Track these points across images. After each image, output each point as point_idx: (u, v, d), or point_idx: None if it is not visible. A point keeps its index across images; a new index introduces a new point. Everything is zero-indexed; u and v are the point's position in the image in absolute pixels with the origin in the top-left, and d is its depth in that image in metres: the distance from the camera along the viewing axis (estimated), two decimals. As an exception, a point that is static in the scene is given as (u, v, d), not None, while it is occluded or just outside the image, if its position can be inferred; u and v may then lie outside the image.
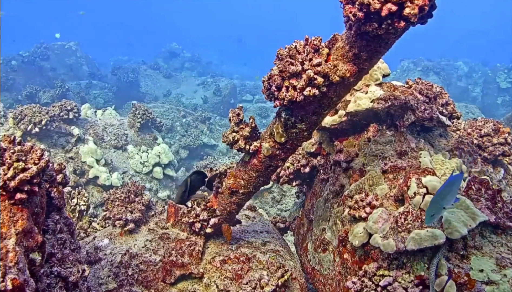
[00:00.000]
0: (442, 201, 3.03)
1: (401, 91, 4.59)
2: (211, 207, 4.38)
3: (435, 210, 3.03)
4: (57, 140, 8.98)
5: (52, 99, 16.24)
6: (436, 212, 3.03)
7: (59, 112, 9.14)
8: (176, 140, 15.07)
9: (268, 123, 4.27)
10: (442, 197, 3.03)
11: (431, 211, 3.03)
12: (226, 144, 3.97)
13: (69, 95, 17.31)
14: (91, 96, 20.76)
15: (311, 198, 5.17)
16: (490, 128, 5.39)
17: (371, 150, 4.41)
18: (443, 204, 3.03)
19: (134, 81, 22.92)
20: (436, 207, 3.03)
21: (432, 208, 3.04)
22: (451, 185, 3.05)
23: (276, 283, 4.10)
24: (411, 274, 3.49)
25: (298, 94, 3.21)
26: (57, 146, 8.92)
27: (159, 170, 9.96)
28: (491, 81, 25.41)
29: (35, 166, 2.49)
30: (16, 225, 2.31)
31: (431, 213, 3.03)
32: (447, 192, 3.04)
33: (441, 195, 3.04)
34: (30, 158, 2.53)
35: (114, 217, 4.74)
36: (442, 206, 3.03)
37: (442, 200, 3.04)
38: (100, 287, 4.27)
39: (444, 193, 3.04)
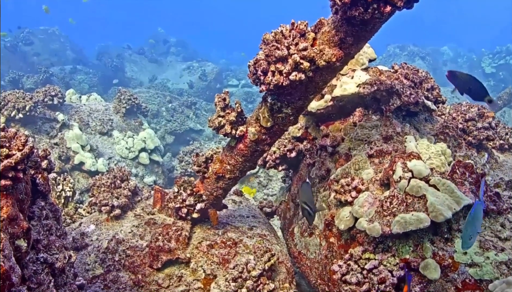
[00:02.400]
0: (474, 226, 2.97)
1: (387, 75, 4.60)
2: (198, 192, 4.38)
3: (472, 233, 2.96)
4: (41, 126, 8.90)
5: (36, 85, 16.07)
6: (473, 235, 2.97)
7: (43, 97, 9.05)
8: (162, 126, 15.00)
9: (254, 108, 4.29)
10: (474, 221, 2.98)
11: (469, 234, 2.97)
12: (212, 129, 3.96)
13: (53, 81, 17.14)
14: (75, 81, 20.55)
15: (297, 182, 5.18)
16: (474, 112, 5.43)
17: (357, 135, 4.43)
18: (476, 228, 2.97)
19: (119, 66, 22.74)
20: (472, 231, 2.96)
21: (468, 231, 2.97)
22: (478, 211, 3.01)
23: (263, 267, 4.12)
24: (396, 257, 3.52)
25: (284, 79, 3.20)
26: (42, 132, 8.84)
27: (145, 156, 9.93)
28: (476, 66, 25.58)
29: (19, 153, 2.46)
30: (0, 212, 2.29)
31: (469, 236, 2.96)
32: (478, 216, 2.99)
33: (475, 219, 2.98)
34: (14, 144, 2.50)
35: (100, 203, 4.72)
36: (475, 231, 2.97)
37: (475, 224, 2.98)
38: (87, 272, 4.26)
39: (478, 216, 2.99)
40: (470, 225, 2.95)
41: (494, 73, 24.41)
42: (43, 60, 21.47)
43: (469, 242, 2.95)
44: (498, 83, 23.59)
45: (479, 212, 2.99)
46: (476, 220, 2.96)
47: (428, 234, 3.52)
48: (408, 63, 5.00)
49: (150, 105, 14.07)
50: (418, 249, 3.48)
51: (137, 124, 10.70)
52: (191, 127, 15.33)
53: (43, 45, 22.92)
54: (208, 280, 4.18)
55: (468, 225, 2.96)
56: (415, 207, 3.47)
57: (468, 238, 2.93)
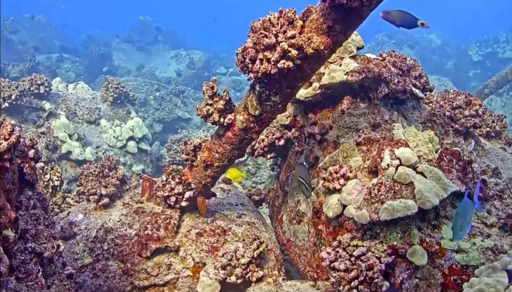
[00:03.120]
0: (465, 217, 2.93)
1: (375, 63, 4.61)
2: (186, 181, 4.38)
3: (463, 224, 2.91)
4: (28, 115, 8.81)
5: (21, 74, 15.87)
6: (465, 227, 2.92)
7: (30, 86, 8.95)
8: (150, 114, 14.92)
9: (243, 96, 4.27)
10: (465, 213, 2.93)
11: (459, 225, 2.92)
12: (200, 117, 3.95)
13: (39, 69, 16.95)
14: (62, 70, 20.36)
15: (286, 170, 5.20)
16: (462, 100, 5.46)
17: (345, 123, 4.44)
18: (467, 220, 2.92)
19: (107, 54, 22.54)
20: (463, 222, 2.91)
21: (459, 222, 2.92)
22: (469, 205, 2.97)
23: (252, 254, 4.14)
24: (384, 244, 3.55)
25: (272, 67, 3.20)
26: (28, 121, 8.76)
27: (133, 144, 9.88)
28: (463, 54, 25.69)
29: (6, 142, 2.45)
30: (-13, 200, 2.27)
31: (460, 227, 2.91)
32: (468, 209, 2.94)
33: (464, 212, 2.94)
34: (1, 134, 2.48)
35: (88, 192, 4.70)
36: (466, 223, 2.91)
37: (465, 216, 2.93)
38: (76, 262, 4.26)
39: (467, 209, 2.94)
40: (460, 216, 2.92)
41: (481, 61, 24.53)
42: (29, 49, 21.23)
43: (460, 233, 2.92)
44: (485, 71, 23.71)
45: (470, 205, 2.96)
46: (467, 212, 2.93)
47: (415, 221, 3.55)
48: (396, 51, 5.00)
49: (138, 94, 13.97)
50: (406, 236, 3.51)
51: (125, 113, 10.64)
52: (179, 115, 15.27)
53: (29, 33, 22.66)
54: (197, 268, 4.20)
55: (458, 217, 2.93)
56: (403, 194, 3.49)
57: (459, 229, 2.90)
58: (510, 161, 5.10)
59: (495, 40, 24.56)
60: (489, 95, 14.62)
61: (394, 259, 3.44)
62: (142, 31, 28.52)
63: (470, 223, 2.97)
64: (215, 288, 4.04)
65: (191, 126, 15.20)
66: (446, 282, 3.36)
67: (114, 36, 26.08)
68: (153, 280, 4.15)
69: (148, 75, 20.33)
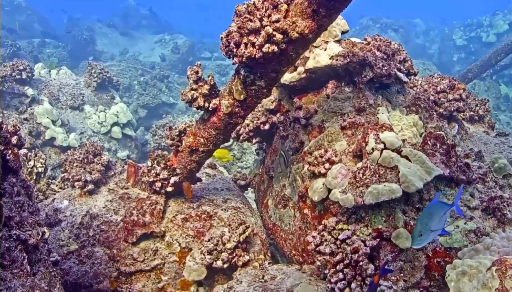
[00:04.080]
0: (428, 222, 2.77)
1: (360, 47, 4.61)
2: (171, 166, 4.37)
3: (423, 229, 2.76)
4: (10, 101, 8.71)
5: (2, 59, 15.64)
6: (424, 232, 2.76)
7: (11, 72, 8.83)
8: (134, 99, 14.83)
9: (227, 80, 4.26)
10: (428, 217, 2.78)
11: (418, 230, 2.77)
12: (185, 102, 3.93)
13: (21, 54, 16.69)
14: (44, 55, 20.09)
15: (271, 155, 5.20)
16: (446, 84, 5.49)
17: (330, 107, 4.44)
18: (430, 225, 2.76)
19: (90, 39, 22.30)
20: (423, 227, 2.76)
21: (419, 227, 2.77)
22: (438, 209, 2.83)
23: (238, 239, 4.15)
24: (369, 227, 3.58)
25: (257, 51, 3.19)
26: (10, 108, 8.66)
27: (117, 130, 9.82)
28: (447, 39, 25.82)
29: (-13, 127, 2.42)
30: (-31, 187, 2.25)
31: (419, 233, 2.76)
32: (433, 213, 2.80)
33: (428, 215, 2.80)
34: (-18, 119, 2.45)
35: (73, 178, 4.68)
36: (429, 228, 2.76)
37: (429, 220, 2.78)
38: (62, 248, 4.24)
39: (430, 214, 2.80)
40: (420, 221, 2.78)
41: (465, 45, 24.66)
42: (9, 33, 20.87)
43: (418, 239, 2.76)
44: (468, 55, 23.87)
45: (439, 208, 2.83)
46: (432, 216, 2.79)
47: (400, 204, 3.58)
48: (380, 35, 5.00)
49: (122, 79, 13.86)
50: (390, 219, 3.54)
51: (109, 98, 10.54)
52: (164, 100, 15.19)
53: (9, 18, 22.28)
54: (183, 253, 4.20)
55: (419, 221, 2.80)
56: (388, 178, 3.51)
57: (417, 234, 2.75)
58: (492, 145, 5.15)
59: (479, 24, 24.68)
60: (472, 79, 14.73)
61: (379, 242, 3.47)
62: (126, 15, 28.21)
63: (439, 228, 2.82)
64: (201, 273, 4.05)
65: (176, 111, 15.13)
66: (430, 264, 3.40)
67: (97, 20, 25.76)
68: (140, 265, 4.15)
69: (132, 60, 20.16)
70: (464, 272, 2.75)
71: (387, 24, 25.02)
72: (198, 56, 23.47)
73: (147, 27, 27.26)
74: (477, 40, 24.24)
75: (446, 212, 2.85)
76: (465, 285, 2.70)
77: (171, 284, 4.15)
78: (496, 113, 15.83)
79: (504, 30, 23.23)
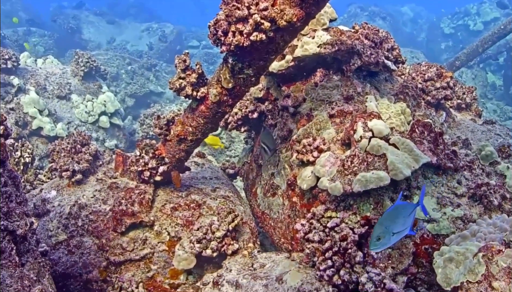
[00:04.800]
0: (389, 225, 2.65)
1: (348, 36, 4.61)
2: (160, 155, 4.36)
3: (381, 233, 2.64)
4: (-5, 90, 8.62)
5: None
6: (383, 236, 2.64)
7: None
8: (121, 88, 14.74)
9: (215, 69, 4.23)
10: (391, 219, 2.66)
11: (377, 234, 2.64)
12: (173, 91, 3.92)
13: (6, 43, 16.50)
14: (30, 44, 19.86)
15: (260, 143, 5.21)
16: (433, 72, 5.51)
17: (318, 95, 4.45)
18: (391, 228, 2.65)
19: (76, 28, 22.08)
20: (382, 231, 2.64)
21: (377, 231, 2.65)
22: (403, 210, 2.72)
23: (227, 228, 4.16)
24: (358, 215, 3.60)
25: (245, 39, 3.18)
26: (-4, 97, 8.58)
27: (105, 119, 9.77)
28: (435, 27, 25.90)
29: (-27, 117, 2.39)
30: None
31: (377, 237, 2.64)
32: (396, 215, 2.69)
33: (389, 217, 2.67)
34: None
35: (60, 168, 4.65)
36: (390, 231, 2.64)
37: (391, 222, 2.65)
38: (50, 239, 4.23)
39: (393, 216, 2.68)
40: (380, 224, 2.67)
41: (452, 34, 24.77)
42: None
43: (376, 243, 2.64)
44: (456, 43, 23.98)
45: (403, 209, 2.72)
46: (394, 218, 2.67)
47: (388, 192, 3.60)
48: (369, 23, 5.00)
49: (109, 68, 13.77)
50: (379, 207, 3.56)
51: (96, 87, 10.47)
52: (152, 89, 15.12)
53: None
54: (172, 242, 4.21)
55: (378, 224, 2.68)
56: (376, 166, 3.53)
57: (375, 238, 2.64)
58: (479, 133, 5.18)
59: (466, 12, 24.77)
60: (460, 67, 14.79)
61: (367, 229, 3.50)
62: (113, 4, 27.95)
63: (404, 229, 2.71)
64: (190, 262, 4.06)
65: (163, 100, 15.08)
66: (417, 251, 3.43)
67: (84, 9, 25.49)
68: (129, 255, 4.15)
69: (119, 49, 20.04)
70: (451, 258, 2.78)
71: (375, 12, 25.03)
72: (186, 45, 23.35)
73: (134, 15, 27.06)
74: (464, 28, 24.34)
75: (412, 212, 2.77)
76: (452, 271, 2.73)
77: (160, 273, 4.16)
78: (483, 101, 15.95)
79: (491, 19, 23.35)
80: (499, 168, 4.04)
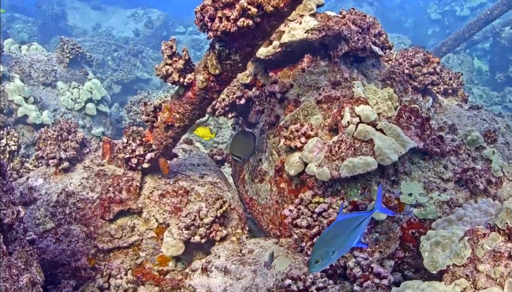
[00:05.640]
0: (328, 245, 2.38)
1: (335, 21, 4.60)
2: (147, 142, 4.34)
3: (320, 255, 2.37)
4: (-21, 78, 8.51)
5: (-31, 36, 15.23)
6: (321, 258, 2.37)
7: (-21, 48, 8.61)
8: (108, 75, 14.62)
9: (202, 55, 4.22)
10: (327, 240, 2.40)
11: (315, 257, 2.37)
12: (159, 77, 3.89)
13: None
14: (14, 30, 19.58)
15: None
16: (420, 58, 5.52)
17: (306, 81, 4.44)
18: (330, 248, 2.37)
19: (61, 14, 21.79)
20: (321, 253, 2.37)
21: (316, 253, 2.38)
22: (345, 225, 2.46)
23: (215, 214, 4.17)
24: (345, 200, 3.62)
25: (231, 25, 3.16)
26: (-20, 85, 8.46)
27: (92, 107, 9.68)
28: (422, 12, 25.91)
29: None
30: None
31: (315, 260, 2.36)
32: (337, 233, 2.42)
33: (329, 236, 2.42)
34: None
35: (47, 156, 4.61)
36: (330, 251, 2.37)
37: (328, 243, 2.39)
38: (38, 227, 4.21)
39: (333, 234, 2.42)
40: (318, 246, 2.40)
41: (439, 19, 24.80)
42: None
43: (314, 265, 2.37)
44: (443, 29, 24.01)
45: (345, 225, 2.48)
46: (335, 237, 2.42)
47: (375, 177, 3.62)
48: (356, 8, 4.99)
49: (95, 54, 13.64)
50: (366, 192, 3.59)
51: (82, 74, 10.36)
52: (138, 76, 15.01)
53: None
54: (161, 229, 4.21)
55: (316, 246, 2.41)
56: (363, 151, 3.55)
57: (313, 260, 2.37)
58: (466, 118, 5.22)
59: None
60: (446, 53, 14.83)
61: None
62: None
63: (351, 243, 2.49)
64: (179, 248, 4.07)
65: (150, 86, 14.99)
66: (404, 236, 3.46)
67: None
68: (117, 242, 4.15)
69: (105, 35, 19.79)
70: (438, 242, 2.81)
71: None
72: (172, 31, 23.14)
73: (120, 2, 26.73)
74: (451, 13, 24.38)
75: (360, 224, 2.52)
76: (439, 255, 2.76)
77: (149, 260, 4.16)
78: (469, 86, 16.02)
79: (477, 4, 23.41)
80: (485, 153, 4.08)
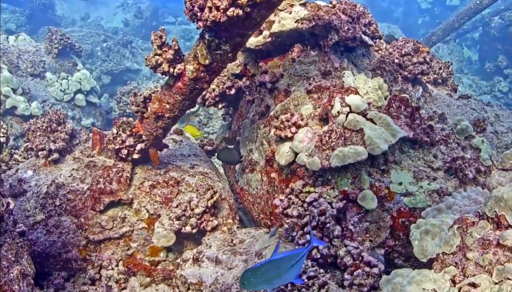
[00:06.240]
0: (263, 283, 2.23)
1: (325, 11, 4.60)
2: (137, 133, 4.32)
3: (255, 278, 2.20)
4: (-33, 69, 8.42)
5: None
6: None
7: (-34, 39, 8.52)
8: (97, 66, 14.50)
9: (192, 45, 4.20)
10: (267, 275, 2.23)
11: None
12: (149, 68, 3.87)
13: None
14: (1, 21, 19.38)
15: (238, 120, 5.20)
16: (410, 47, 5.54)
17: (296, 71, 4.44)
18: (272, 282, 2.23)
19: (49, 4, 21.57)
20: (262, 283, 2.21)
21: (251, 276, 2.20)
22: (281, 263, 2.27)
23: (206, 204, 4.17)
24: (336, 189, 3.63)
25: (221, 15, 3.14)
26: (-32, 76, 8.38)
27: (81, 97, 9.62)
28: (412, 2, 25.90)
29: None
30: None
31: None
32: (271, 271, 2.24)
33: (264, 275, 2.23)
34: None
35: (36, 147, 4.58)
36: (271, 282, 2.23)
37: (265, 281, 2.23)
38: (28, 219, 4.19)
39: (268, 273, 2.24)
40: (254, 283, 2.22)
41: (429, 9, 24.83)
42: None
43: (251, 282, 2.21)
44: (433, 19, 24.04)
45: (281, 263, 2.27)
46: (276, 268, 2.25)
47: (365, 167, 3.64)
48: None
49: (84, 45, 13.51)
50: (356, 181, 3.60)
51: (71, 65, 10.29)
52: (128, 66, 14.91)
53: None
54: (151, 220, 4.20)
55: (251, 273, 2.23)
56: (353, 141, 3.56)
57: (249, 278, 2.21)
58: (455, 107, 5.25)
59: (443, -13, 24.82)
60: (436, 42, 14.88)
61: (345, 204, 3.54)
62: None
63: (285, 280, 2.32)
64: (170, 239, 4.07)
65: (140, 77, 14.89)
66: (394, 225, 3.48)
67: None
68: (108, 233, 4.14)
69: (94, 26, 19.63)
70: (427, 231, 2.83)
71: (352, -13, 24.92)
72: (162, 21, 22.98)
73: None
74: (441, 3, 24.39)
75: (298, 261, 2.34)
76: (428, 243, 2.78)
77: (140, 250, 4.16)
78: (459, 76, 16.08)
79: (467, -7, 23.45)
80: (474, 142, 4.10)
